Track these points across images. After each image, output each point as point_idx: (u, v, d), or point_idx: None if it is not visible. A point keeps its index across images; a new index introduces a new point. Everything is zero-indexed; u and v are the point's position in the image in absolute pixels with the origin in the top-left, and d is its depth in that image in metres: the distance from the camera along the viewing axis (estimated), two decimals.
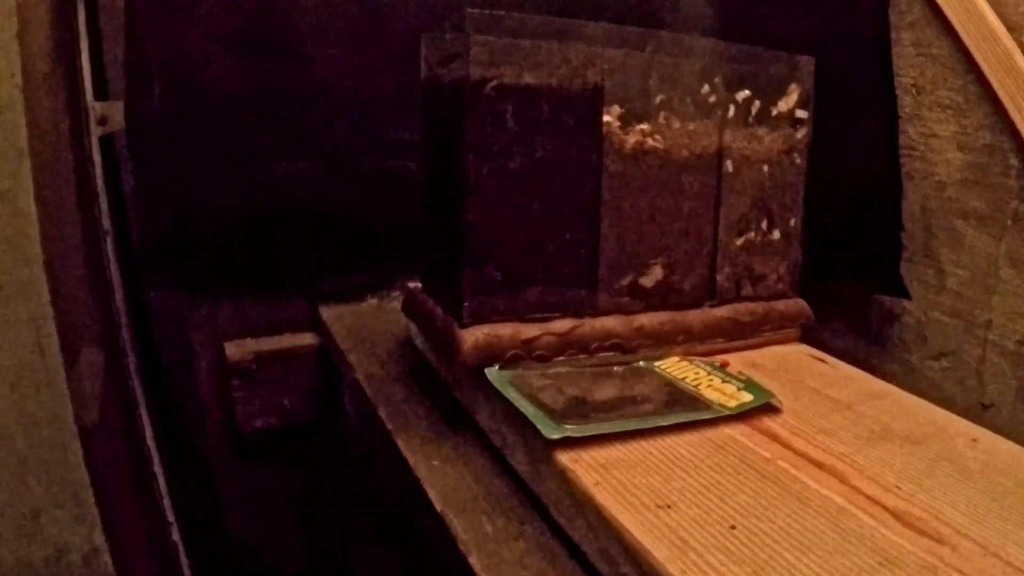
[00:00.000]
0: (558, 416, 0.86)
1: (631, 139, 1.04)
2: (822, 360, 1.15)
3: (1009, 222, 1.16)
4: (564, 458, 0.82)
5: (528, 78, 0.96)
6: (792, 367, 1.12)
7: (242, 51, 1.37)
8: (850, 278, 1.42)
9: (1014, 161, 1.15)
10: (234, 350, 1.42)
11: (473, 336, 0.97)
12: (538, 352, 1.01)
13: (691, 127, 1.08)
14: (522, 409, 0.87)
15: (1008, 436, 0.94)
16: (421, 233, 1.16)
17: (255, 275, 1.45)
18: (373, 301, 1.51)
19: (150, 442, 1.39)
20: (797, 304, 1.23)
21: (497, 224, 0.98)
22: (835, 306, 1.43)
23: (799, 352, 1.19)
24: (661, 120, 1.06)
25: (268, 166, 1.41)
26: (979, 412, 1.22)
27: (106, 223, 1.34)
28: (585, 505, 0.77)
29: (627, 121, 1.04)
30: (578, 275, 1.04)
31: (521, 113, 0.96)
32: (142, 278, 1.40)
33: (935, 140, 1.26)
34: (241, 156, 1.39)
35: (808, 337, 1.24)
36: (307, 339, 1.48)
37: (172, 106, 1.34)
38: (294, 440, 1.51)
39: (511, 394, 0.91)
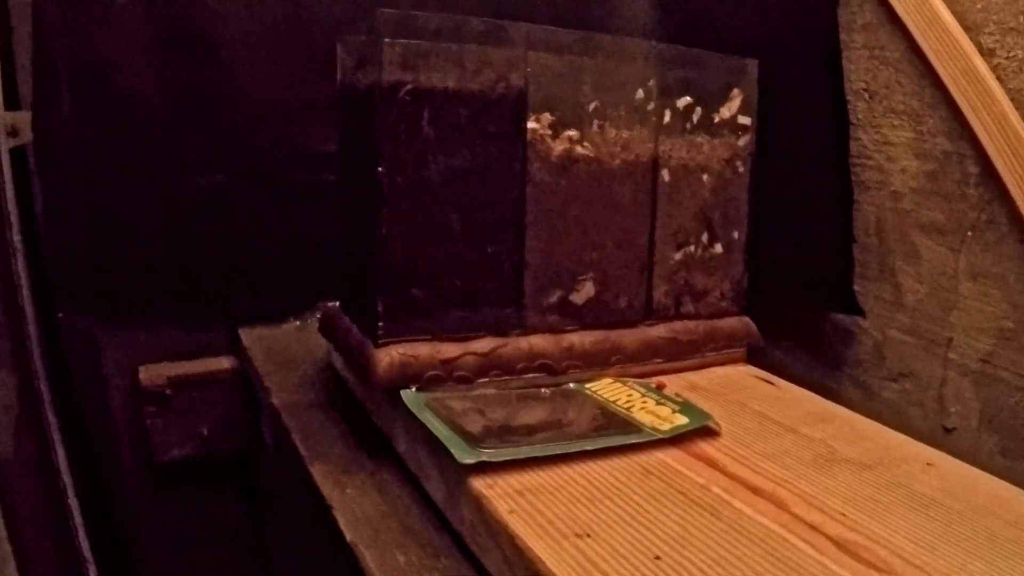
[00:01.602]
0: (475, 440, 0.86)
1: (559, 147, 1.03)
2: (769, 381, 1.15)
3: (969, 233, 1.16)
4: (479, 484, 0.81)
5: (446, 82, 0.96)
6: (735, 389, 1.12)
7: (159, 58, 1.36)
8: (801, 295, 1.41)
9: (973, 168, 1.15)
10: (148, 375, 1.41)
11: (388, 356, 0.97)
12: (459, 373, 1.00)
13: (625, 134, 1.08)
14: (436, 433, 0.87)
15: (972, 461, 0.94)
16: (339, 247, 1.15)
17: (172, 295, 1.44)
18: (295, 323, 1.50)
19: (65, 473, 1.38)
20: (742, 322, 1.22)
21: (414, 238, 0.97)
22: (786, 325, 1.42)
23: (744, 373, 1.19)
24: (594, 127, 1.06)
25: (186, 180, 1.40)
26: (941, 436, 1.22)
27: (17, 241, 1.33)
28: (499, 534, 0.76)
29: (557, 129, 1.03)
30: (502, 292, 1.03)
31: (438, 119, 0.96)
32: (53, 299, 1.39)
33: (890, 148, 1.26)
34: (157, 170, 1.38)
35: (758, 358, 1.24)
36: (226, 363, 1.47)
37: (83, 116, 1.33)
38: (215, 470, 1.50)
39: (426, 417, 0.90)
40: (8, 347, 1.33)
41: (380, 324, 0.97)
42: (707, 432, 0.95)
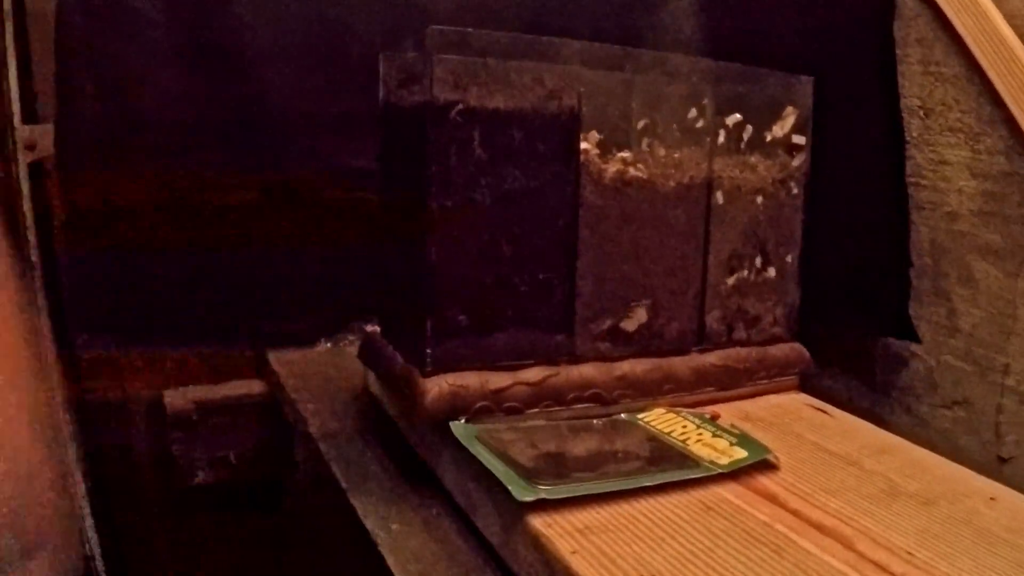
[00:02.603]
0: (531, 475, 0.85)
1: (611, 168, 1.03)
2: (823, 411, 1.15)
3: None
4: (537, 522, 0.81)
5: (497, 102, 0.96)
6: (790, 419, 1.11)
7: (187, 71, 1.35)
8: (854, 320, 1.41)
9: None
10: (174, 399, 1.40)
11: (437, 386, 0.96)
12: (509, 404, 1.00)
13: (677, 155, 1.08)
14: (490, 467, 0.86)
15: None
16: (379, 272, 1.14)
17: (197, 316, 1.43)
18: (327, 345, 1.50)
19: (82, 497, 1.37)
20: (795, 349, 1.22)
21: (463, 262, 0.97)
22: (837, 350, 1.42)
23: (797, 402, 1.18)
24: (644, 147, 1.06)
25: (213, 196, 1.39)
26: (996, 466, 1.21)
27: (34, 258, 1.32)
28: None
29: (606, 148, 1.03)
30: (553, 319, 1.03)
31: (490, 140, 0.96)
32: (73, 319, 1.38)
33: (946, 167, 1.25)
34: (183, 185, 1.38)
35: (807, 385, 1.23)
36: (254, 387, 1.46)
37: (107, 130, 1.33)
38: (240, 497, 1.49)
39: (478, 450, 0.90)
40: (24, 369, 1.33)
41: (428, 352, 0.97)
42: (766, 466, 0.95)
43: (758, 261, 1.17)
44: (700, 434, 0.99)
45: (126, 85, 1.33)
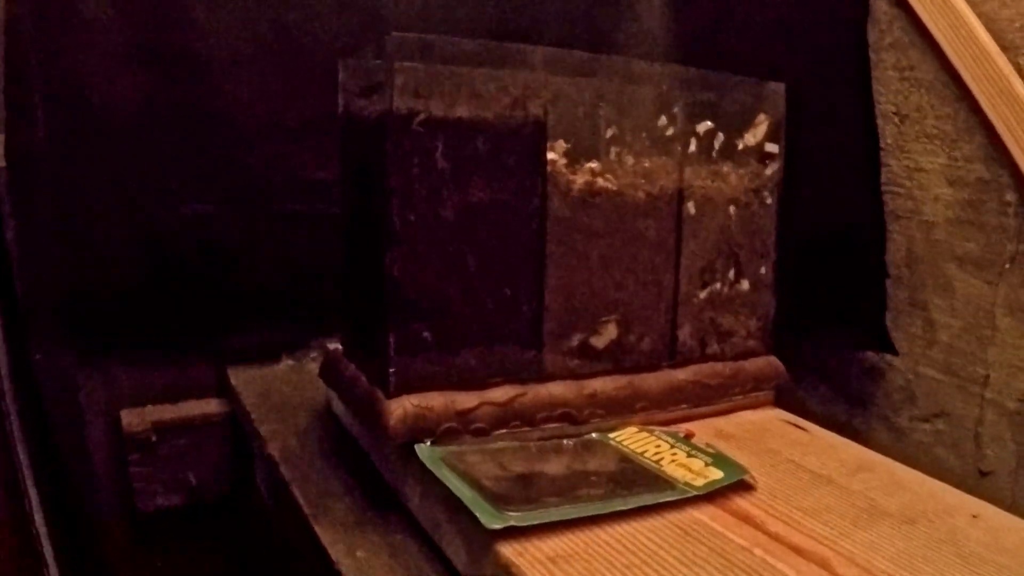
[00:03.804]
0: (500, 501, 0.83)
1: (579, 179, 1.01)
2: (800, 427, 1.13)
3: (1006, 265, 1.15)
4: (507, 551, 0.78)
5: (461, 111, 0.94)
6: (766, 436, 1.10)
7: (144, 78, 1.33)
8: (830, 332, 1.40)
9: (1011, 197, 1.13)
10: (131, 419, 1.38)
11: (401, 407, 0.94)
12: (476, 425, 0.98)
13: (647, 164, 1.06)
14: (458, 493, 0.84)
15: (1008, 508, 0.92)
16: (341, 288, 1.12)
17: (156, 333, 1.41)
18: (288, 363, 1.48)
19: (39, 522, 1.35)
20: (770, 363, 1.21)
21: (427, 278, 0.95)
22: (813, 363, 1.40)
23: (773, 418, 1.17)
24: (613, 157, 1.04)
25: (171, 209, 1.37)
26: (976, 480, 1.20)
27: None
28: None
29: (574, 158, 1.01)
30: (521, 335, 1.01)
31: (453, 151, 0.94)
32: (27, 337, 1.36)
33: (922, 174, 1.24)
34: (140, 196, 1.35)
35: (783, 398, 1.22)
36: (214, 406, 1.44)
37: (61, 139, 1.30)
38: (202, 520, 1.47)
39: (445, 475, 0.88)
40: None
41: (392, 372, 0.95)
42: (743, 486, 0.93)
43: (731, 273, 1.16)
44: (674, 454, 0.98)
45: (80, 93, 1.30)
